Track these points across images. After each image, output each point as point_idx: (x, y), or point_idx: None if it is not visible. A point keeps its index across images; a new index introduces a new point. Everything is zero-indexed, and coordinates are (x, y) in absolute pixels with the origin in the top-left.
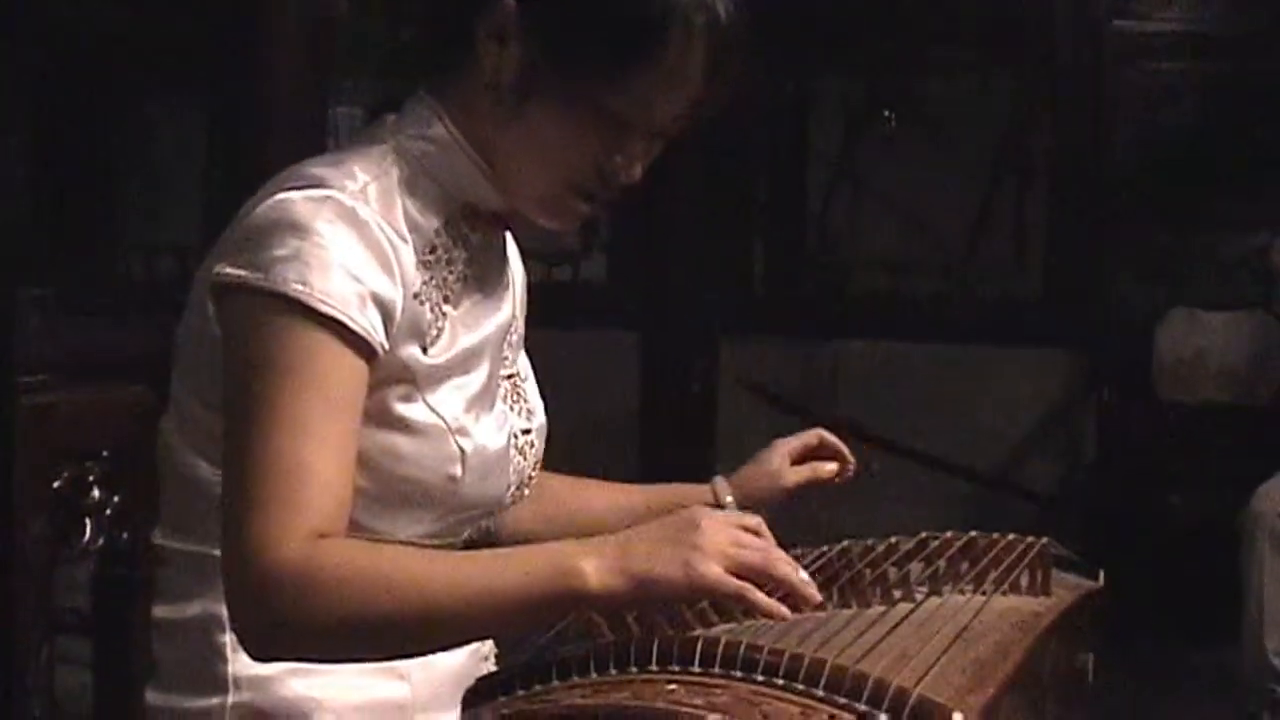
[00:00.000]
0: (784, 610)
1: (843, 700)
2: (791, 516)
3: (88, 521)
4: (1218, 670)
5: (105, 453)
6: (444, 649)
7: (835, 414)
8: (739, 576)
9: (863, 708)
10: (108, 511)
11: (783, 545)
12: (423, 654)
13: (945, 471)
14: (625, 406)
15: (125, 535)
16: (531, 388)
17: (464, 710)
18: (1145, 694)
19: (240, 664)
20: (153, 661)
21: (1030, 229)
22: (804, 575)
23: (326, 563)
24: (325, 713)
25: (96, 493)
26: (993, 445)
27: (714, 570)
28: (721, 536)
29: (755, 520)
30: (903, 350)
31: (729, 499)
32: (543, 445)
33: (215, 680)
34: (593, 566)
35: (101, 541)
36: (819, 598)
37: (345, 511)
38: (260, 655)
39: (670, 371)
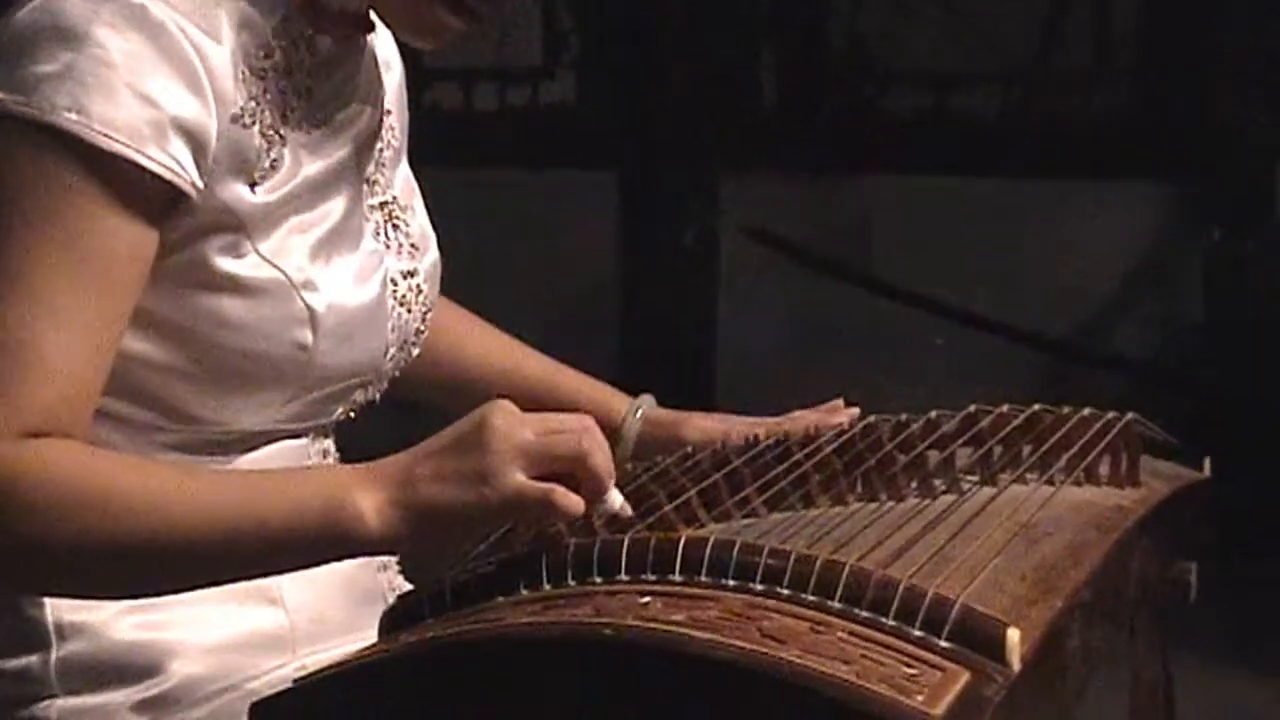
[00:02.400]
0: (613, 497)
1: (864, 614)
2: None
3: None
4: None
5: None
6: (179, 590)
7: (869, 269)
8: (545, 478)
9: (890, 622)
10: None
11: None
12: (149, 595)
13: (1011, 339)
14: (601, 266)
15: None
16: (416, 217)
17: (382, 636)
18: (1263, 614)
19: (62, 608)
20: None
21: (1117, 29)
22: (616, 495)
23: (31, 469)
24: (179, 658)
25: None
26: (1072, 305)
27: (512, 479)
28: (520, 431)
29: (574, 417)
30: (954, 188)
31: (635, 426)
32: (436, 291)
33: (33, 631)
34: (371, 504)
35: None
36: (629, 511)
37: (80, 412)
38: None
39: (657, 220)
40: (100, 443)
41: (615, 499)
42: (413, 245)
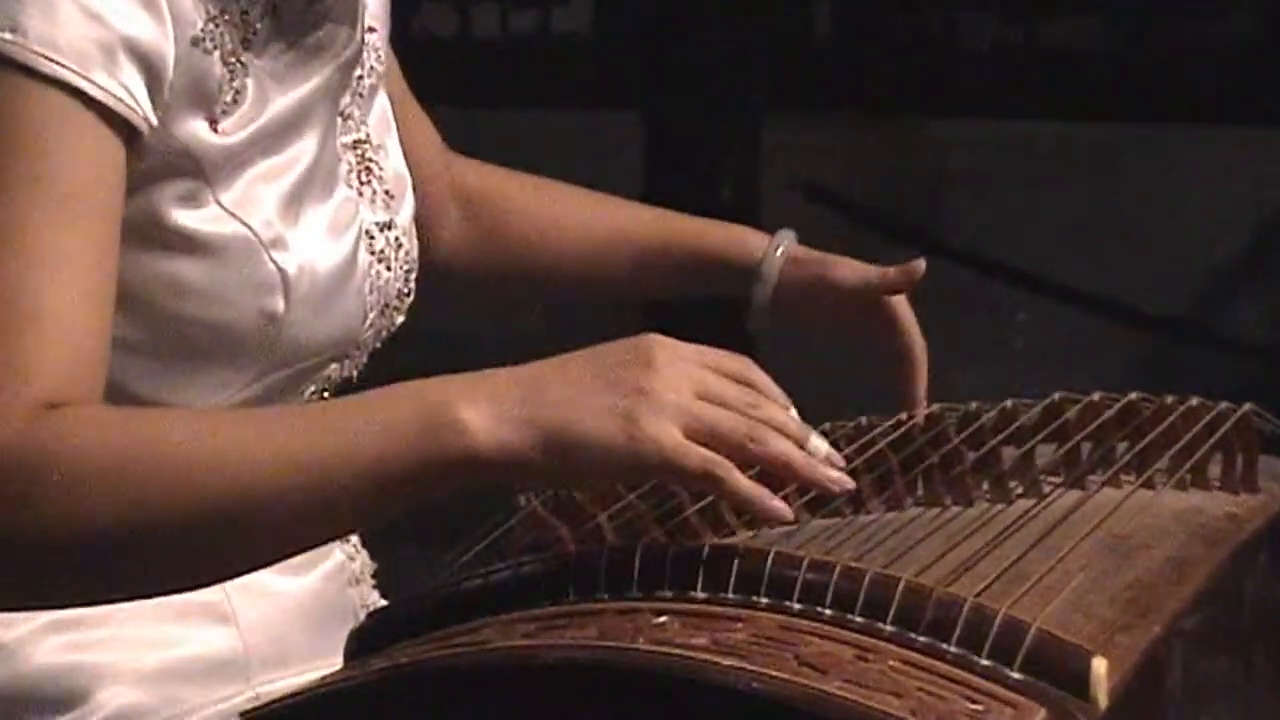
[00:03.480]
0: (776, 504)
1: (921, 639)
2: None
3: None
4: None
5: None
6: (264, 563)
7: (939, 231)
8: (706, 446)
9: (952, 649)
10: None
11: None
12: (229, 575)
13: (1106, 315)
14: None
15: None
16: (391, 159)
17: (348, 661)
18: None
19: None
20: None
21: None
22: (821, 445)
23: (64, 445)
24: (110, 685)
25: None
26: (1181, 276)
27: (668, 433)
28: (684, 381)
29: (741, 363)
30: (1042, 134)
31: (776, 264)
32: (416, 246)
33: None
34: (481, 416)
35: None
36: (850, 483)
37: (95, 371)
38: None
39: (688, 169)
40: None
41: (837, 482)
42: (387, 192)
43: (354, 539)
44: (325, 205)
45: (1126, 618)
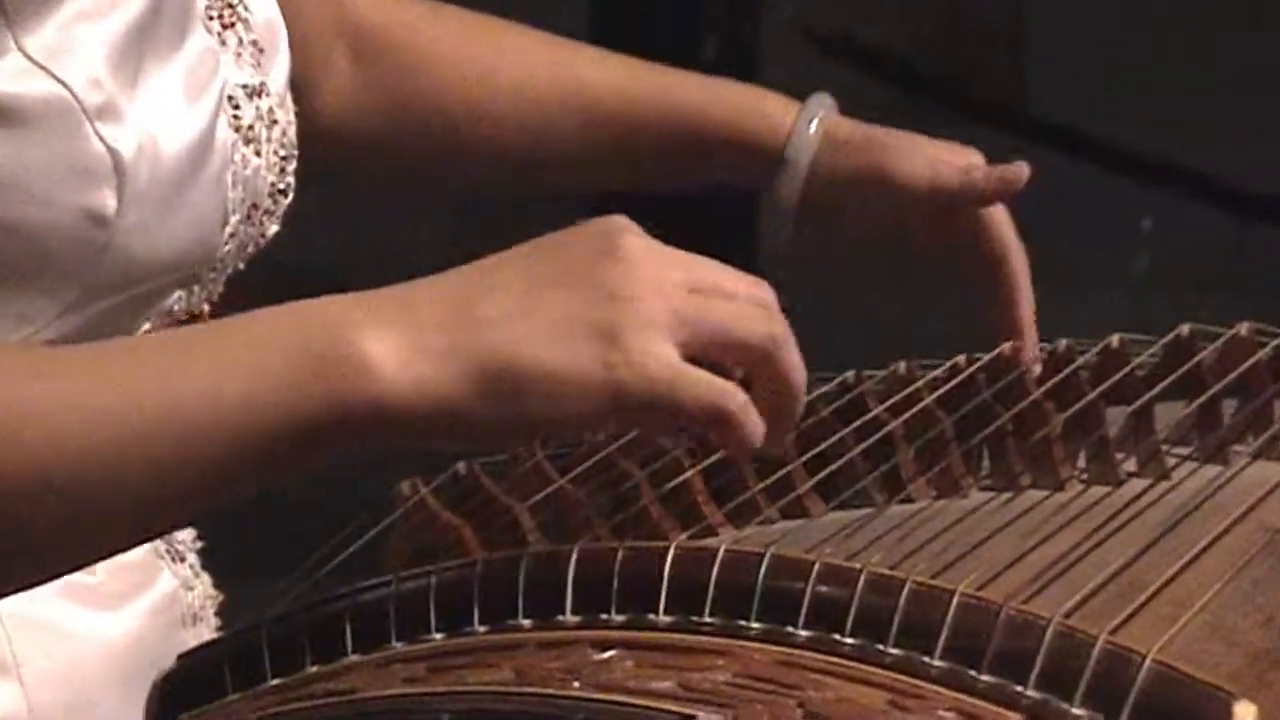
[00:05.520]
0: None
1: (985, 678)
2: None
3: None
4: None
5: None
6: (91, 557)
7: (1022, 98)
8: (711, 365)
9: (1030, 693)
10: None
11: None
12: (39, 575)
13: (1264, 218)
14: None
15: None
16: (263, 4)
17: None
18: None
19: None
20: None
21: None
22: None
23: None
24: None
25: None
26: None
27: (661, 354)
28: (670, 274)
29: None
30: None
31: (810, 145)
32: (294, 126)
33: None
34: (390, 347)
35: None
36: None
37: None
38: None
39: (658, 14)
40: None
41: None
42: (255, 43)
43: (191, 559)
44: (176, 59)
45: None
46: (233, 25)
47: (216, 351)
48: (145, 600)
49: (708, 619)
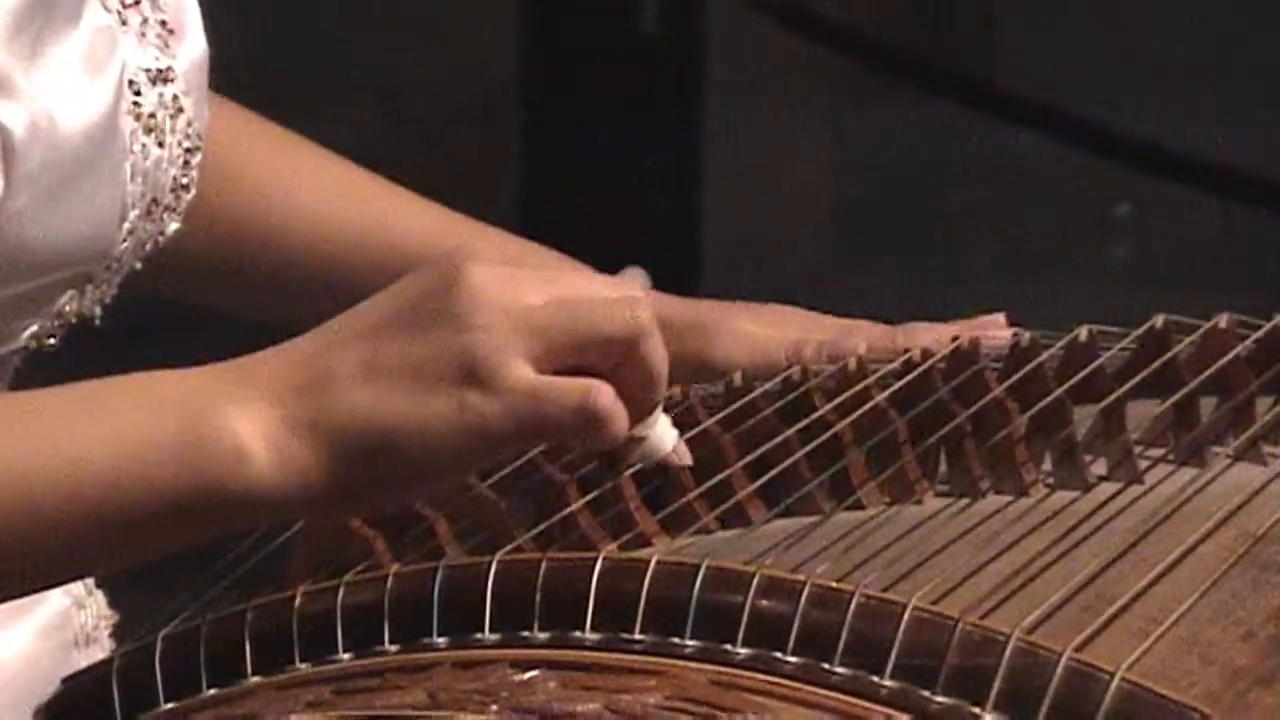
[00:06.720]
0: (661, 439)
1: (940, 699)
2: None
3: None
4: None
5: None
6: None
7: (991, 74)
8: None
9: (988, 716)
10: None
11: None
12: None
13: (1249, 202)
14: (500, 65)
15: None
16: None
17: None
18: None
19: None
20: None
21: None
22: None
23: None
24: None
25: None
26: None
27: (517, 372)
28: (519, 294)
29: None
30: None
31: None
32: (205, 112)
33: None
34: (253, 425)
35: None
36: (687, 458)
37: None
38: None
39: None
40: None
41: (666, 432)
42: (164, 24)
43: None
44: (72, 35)
45: (1269, 664)
46: (136, 3)
47: (92, 417)
48: (35, 620)
49: (638, 636)
